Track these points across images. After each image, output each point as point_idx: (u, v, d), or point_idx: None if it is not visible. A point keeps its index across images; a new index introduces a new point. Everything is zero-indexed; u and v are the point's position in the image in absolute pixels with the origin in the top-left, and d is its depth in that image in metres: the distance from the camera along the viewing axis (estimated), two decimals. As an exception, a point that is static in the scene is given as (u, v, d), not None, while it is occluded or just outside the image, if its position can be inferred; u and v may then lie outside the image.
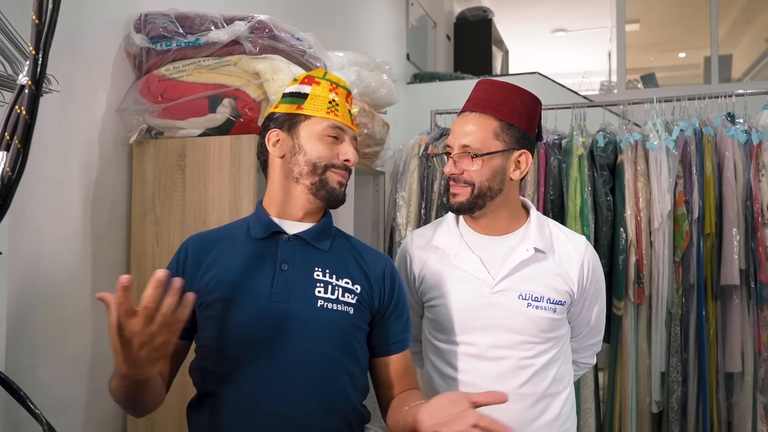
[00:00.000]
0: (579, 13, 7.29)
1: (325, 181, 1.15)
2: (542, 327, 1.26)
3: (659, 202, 2.27)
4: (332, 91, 1.18)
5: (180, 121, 1.78)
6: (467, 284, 1.28)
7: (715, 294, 2.28)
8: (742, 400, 2.25)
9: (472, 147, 1.24)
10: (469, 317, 1.27)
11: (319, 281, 1.11)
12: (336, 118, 1.16)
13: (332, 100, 1.17)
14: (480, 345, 1.27)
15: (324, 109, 1.16)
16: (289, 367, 1.06)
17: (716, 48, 5.08)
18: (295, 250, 1.14)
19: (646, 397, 2.36)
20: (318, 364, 1.08)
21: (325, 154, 1.14)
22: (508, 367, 1.25)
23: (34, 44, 0.65)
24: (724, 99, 2.49)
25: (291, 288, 1.10)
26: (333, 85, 1.19)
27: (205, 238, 1.20)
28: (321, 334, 1.09)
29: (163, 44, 1.77)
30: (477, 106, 1.28)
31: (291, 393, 1.05)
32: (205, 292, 1.10)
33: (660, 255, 2.29)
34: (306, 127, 1.16)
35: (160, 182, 1.80)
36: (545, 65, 5.83)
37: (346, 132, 1.18)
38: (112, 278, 1.79)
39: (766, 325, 2.23)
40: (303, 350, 1.07)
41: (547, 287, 1.26)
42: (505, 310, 1.25)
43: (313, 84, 1.19)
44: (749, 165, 2.24)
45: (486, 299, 1.26)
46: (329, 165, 1.15)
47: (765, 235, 2.20)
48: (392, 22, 4.45)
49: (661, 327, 2.31)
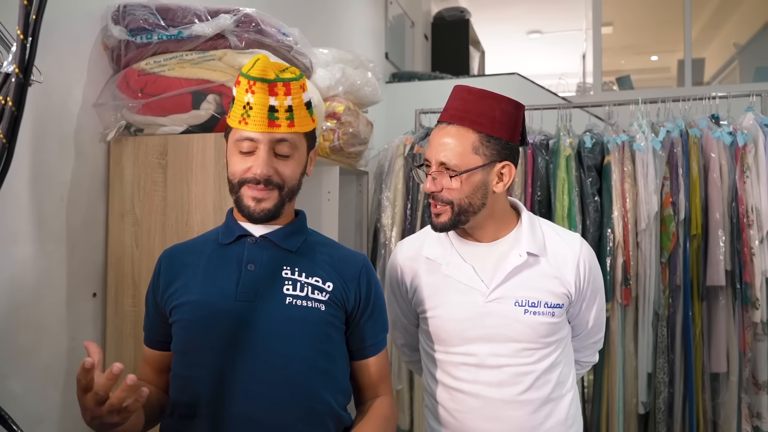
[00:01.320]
0: (553, 15, 7.37)
1: (239, 198, 1.08)
2: (541, 333, 1.22)
3: (646, 204, 2.27)
4: (248, 91, 1.03)
5: (161, 117, 1.70)
6: (461, 294, 1.24)
7: (701, 295, 2.30)
8: (728, 400, 2.27)
9: (450, 164, 1.18)
10: (465, 327, 1.23)
11: (287, 279, 1.08)
12: (245, 127, 1.04)
13: (246, 103, 1.04)
14: (479, 355, 1.23)
15: (237, 117, 1.05)
16: (259, 368, 1.02)
17: (690, 51, 5.17)
18: (262, 250, 1.10)
19: (632, 398, 2.36)
20: (290, 363, 1.03)
21: (235, 170, 1.07)
22: (509, 374, 1.22)
23: (22, 28, 0.58)
24: (707, 101, 2.51)
25: (257, 286, 1.06)
26: (250, 82, 1.03)
27: (178, 249, 1.18)
28: (291, 332, 1.04)
29: (143, 37, 1.69)
30: (454, 117, 1.20)
31: (263, 396, 1.01)
32: (173, 298, 1.09)
33: (647, 256, 2.29)
34: (230, 139, 1.09)
35: (139, 181, 1.73)
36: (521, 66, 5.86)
37: (258, 140, 1.04)
38: (88, 282, 1.71)
39: (751, 326, 2.25)
40: (271, 349, 1.03)
41: (543, 291, 1.23)
42: (502, 318, 1.22)
43: (237, 85, 1.06)
44: (734, 167, 2.26)
45: (482, 309, 1.22)
46: (242, 181, 1.06)
47: (750, 236, 2.22)
48: (371, 21, 4.42)
49: (647, 328, 2.31)
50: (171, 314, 1.09)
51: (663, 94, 2.71)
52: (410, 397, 2.64)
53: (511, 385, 1.22)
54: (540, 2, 6.99)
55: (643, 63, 8.00)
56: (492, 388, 1.22)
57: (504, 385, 1.22)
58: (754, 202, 2.24)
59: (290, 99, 1.04)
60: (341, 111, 2.27)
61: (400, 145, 2.73)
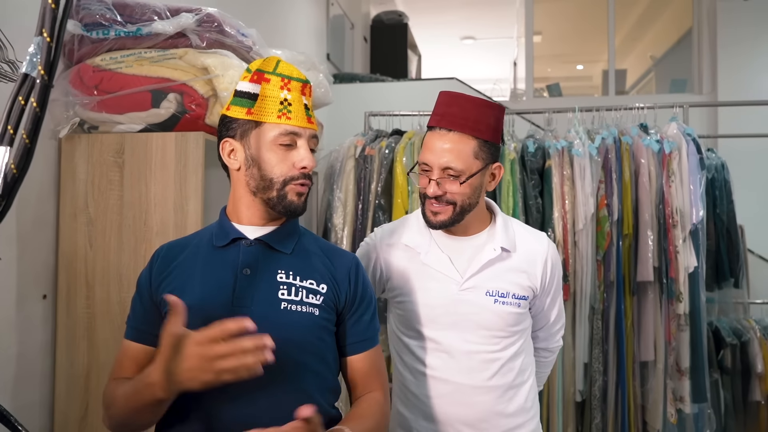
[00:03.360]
0: (486, 22, 7.61)
1: (283, 196, 1.08)
2: (508, 321, 1.31)
3: (583, 205, 2.43)
4: (284, 88, 1.07)
5: (118, 115, 1.67)
6: (436, 282, 1.32)
7: (632, 290, 2.49)
8: (655, 386, 2.47)
9: (456, 169, 1.24)
10: (438, 314, 1.31)
11: (282, 284, 1.09)
12: (288, 122, 1.06)
13: (284, 99, 1.07)
14: (449, 341, 1.30)
15: (275, 113, 1.06)
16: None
17: (613, 63, 5.50)
18: (257, 254, 1.11)
19: (570, 387, 2.52)
20: (285, 368, 1.05)
21: (279, 169, 1.07)
22: (478, 360, 1.30)
23: (48, 31, 0.59)
24: (631, 111, 2.72)
25: (253, 292, 1.07)
26: (284, 80, 1.07)
27: (173, 246, 1.16)
28: (287, 338, 1.05)
29: (99, 32, 1.66)
30: (454, 124, 1.25)
31: (258, 399, 1.03)
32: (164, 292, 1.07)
33: (584, 254, 2.45)
34: (257, 135, 1.08)
35: (93, 180, 1.69)
36: (455, 71, 6.03)
37: (301, 135, 1.08)
38: (38, 283, 1.65)
39: (675, 317, 2.45)
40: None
41: (511, 283, 1.32)
42: (473, 306, 1.30)
43: (263, 82, 1.08)
44: (661, 172, 2.46)
45: (455, 296, 1.30)
46: (288, 180, 1.08)
47: (675, 236, 2.42)
48: (313, 21, 4.42)
49: (584, 321, 2.48)
50: (165, 315, 1.06)
51: (589, 101, 2.91)
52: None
53: (480, 371, 1.30)
54: (473, 9, 7.20)
55: (569, 71, 8.42)
56: (462, 373, 1.29)
57: (473, 371, 1.30)
58: (678, 205, 2.45)
59: (310, 100, 1.11)
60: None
61: (350, 146, 2.77)
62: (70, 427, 1.67)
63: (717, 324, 3.13)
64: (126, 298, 1.65)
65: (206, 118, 1.67)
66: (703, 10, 5.31)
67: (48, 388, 1.68)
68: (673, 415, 2.46)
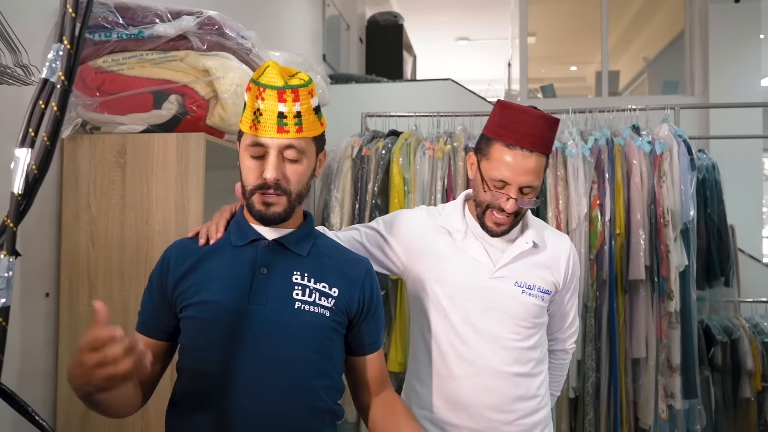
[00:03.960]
0: (480, 23, 7.67)
1: (251, 204, 1.11)
2: (532, 313, 1.38)
3: (576, 205, 2.47)
4: (258, 98, 1.06)
5: (120, 116, 1.70)
6: (470, 267, 1.38)
7: (625, 288, 2.53)
8: (647, 383, 2.51)
9: (534, 188, 1.31)
10: (468, 297, 1.37)
11: (297, 284, 1.12)
12: (255, 132, 1.06)
13: (257, 109, 1.06)
14: (477, 324, 1.37)
15: (248, 123, 1.07)
16: (266, 367, 1.08)
17: (606, 64, 5.55)
18: (274, 254, 1.15)
19: (564, 384, 2.55)
20: (294, 364, 1.09)
21: (249, 178, 1.10)
22: (500, 346, 1.36)
23: (69, 38, 0.62)
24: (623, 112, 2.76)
25: (269, 290, 1.11)
26: (260, 89, 1.05)
27: (186, 245, 1.19)
28: (298, 336, 1.10)
29: (101, 35, 1.68)
30: (535, 145, 1.29)
31: (268, 392, 1.07)
32: (186, 296, 1.11)
33: (577, 253, 2.49)
34: (241, 145, 1.11)
35: (95, 180, 1.71)
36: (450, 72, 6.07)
37: (268, 146, 1.06)
38: (41, 281, 1.68)
39: (667, 315, 2.50)
40: (280, 351, 1.09)
41: (538, 277, 1.39)
42: (502, 294, 1.37)
43: (248, 91, 1.08)
44: (653, 173, 2.51)
45: (486, 283, 1.37)
46: (254, 189, 1.09)
47: (666, 235, 2.47)
48: (309, 22, 4.45)
49: (577, 319, 2.52)
50: (182, 310, 1.11)
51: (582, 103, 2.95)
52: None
53: (502, 357, 1.36)
54: (468, 10, 7.25)
55: (563, 72, 8.48)
56: (485, 357, 1.36)
57: (496, 356, 1.36)
58: (669, 205, 2.50)
59: (299, 105, 1.06)
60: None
61: (348, 146, 2.80)
62: (72, 424, 1.69)
63: (708, 322, 3.18)
64: (128, 296, 1.68)
65: (207, 119, 1.70)
66: (694, 13, 5.37)
67: (51, 385, 1.70)
68: (665, 410, 2.51)
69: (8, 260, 0.62)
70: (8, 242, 0.63)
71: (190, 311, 1.10)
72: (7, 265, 0.62)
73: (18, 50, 1.09)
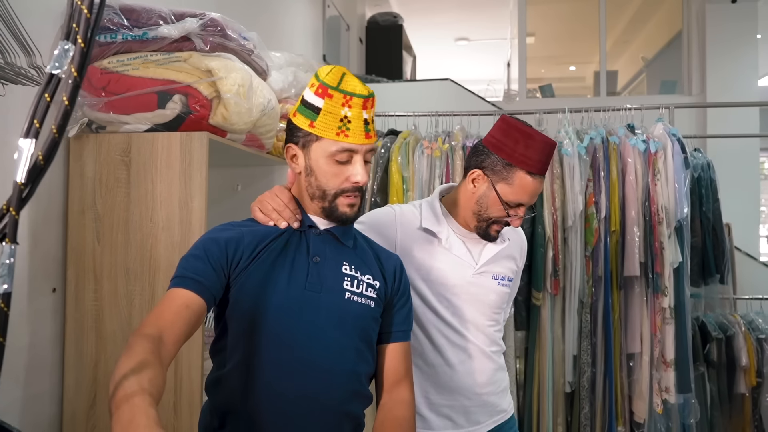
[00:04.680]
0: (480, 24, 7.70)
1: (334, 207, 1.16)
2: (504, 300, 1.55)
3: (572, 203, 2.52)
4: (345, 105, 1.11)
5: (125, 115, 1.73)
6: (455, 265, 1.49)
7: (619, 284, 2.58)
8: (641, 377, 2.55)
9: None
10: (455, 292, 1.48)
11: (346, 275, 1.18)
12: (346, 139, 1.11)
13: (344, 116, 1.11)
14: (464, 315, 1.49)
15: (334, 130, 1.11)
16: (318, 351, 1.13)
17: (605, 64, 5.59)
18: (325, 244, 1.20)
19: (560, 379, 2.60)
20: (344, 351, 1.15)
21: (333, 182, 1.14)
22: (482, 333, 1.50)
23: (83, 37, 0.67)
24: (623, 112, 2.81)
25: (323, 280, 1.16)
26: (346, 96, 1.10)
27: (245, 225, 1.21)
28: (347, 324, 1.16)
29: (107, 36, 1.72)
30: (543, 171, 1.41)
31: (318, 375, 1.12)
32: (245, 274, 1.13)
33: (573, 250, 2.54)
34: (317, 149, 1.14)
35: (101, 178, 1.75)
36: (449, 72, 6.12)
37: (357, 151, 1.13)
38: (48, 277, 1.72)
39: (661, 311, 2.54)
40: (331, 338, 1.14)
41: (506, 268, 1.55)
42: (483, 288, 1.50)
43: (325, 97, 1.11)
44: (647, 171, 2.55)
45: (470, 279, 1.49)
46: (339, 192, 1.15)
47: (660, 232, 2.51)
48: (310, 22, 4.49)
49: (573, 315, 2.57)
50: (240, 285, 1.12)
51: (581, 102, 2.99)
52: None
53: (483, 340, 1.50)
54: (467, 11, 7.28)
55: (562, 72, 8.52)
56: (474, 342, 1.49)
57: (479, 340, 1.49)
58: (663, 202, 2.54)
59: (372, 112, 1.15)
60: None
61: (347, 146, 2.83)
62: (78, 417, 1.73)
63: (704, 319, 3.21)
64: (133, 291, 1.72)
65: (210, 119, 1.73)
66: (692, 13, 5.41)
67: (57, 378, 1.74)
68: (659, 405, 2.55)
69: (10, 247, 0.66)
70: (10, 229, 0.66)
71: (248, 290, 1.12)
72: (9, 252, 0.66)
73: (32, 52, 1.14)
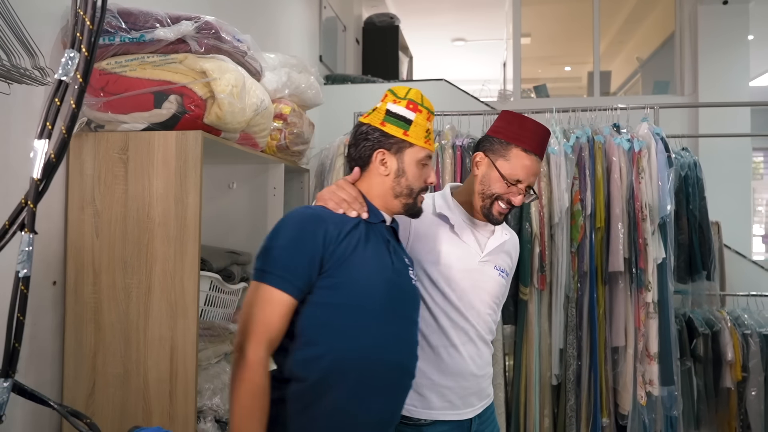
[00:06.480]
0: (476, 24, 7.76)
1: (416, 203, 1.40)
2: (503, 291, 1.68)
3: (559, 200, 2.58)
4: (428, 120, 1.38)
5: (123, 115, 1.80)
6: (463, 251, 1.60)
7: (604, 279, 2.64)
8: (626, 370, 2.62)
9: (532, 186, 1.59)
10: (462, 277, 1.58)
11: (407, 259, 1.44)
12: (431, 147, 1.38)
13: (427, 129, 1.37)
14: (471, 301, 1.59)
15: (422, 139, 1.36)
16: (404, 327, 1.36)
17: (598, 65, 5.65)
18: (390, 234, 1.41)
19: (547, 372, 2.67)
20: (414, 326, 1.41)
21: (418, 183, 1.38)
22: (482, 319, 1.61)
23: (86, 46, 0.74)
24: (611, 111, 2.87)
25: (400, 264, 1.38)
26: (429, 114, 1.39)
27: (333, 216, 1.33)
28: (416, 304, 1.43)
29: (105, 38, 1.78)
30: (541, 152, 1.58)
31: (405, 347, 1.36)
32: (344, 256, 1.27)
33: (559, 246, 2.61)
34: (410, 153, 1.36)
35: (100, 175, 1.81)
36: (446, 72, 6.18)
37: (431, 157, 1.41)
38: (49, 270, 1.78)
39: (645, 305, 2.61)
40: (409, 314, 1.39)
41: (504, 262, 1.67)
42: (486, 276, 1.61)
43: (416, 112, 1.36)
44: (632, 169, 2.62)
45: (475, 266, 1.60)
46: (420, 191, 1.39)
47: (644, 228, 2.58)
48: (306, 23, 4.54)
49: (560, 309, 2.63)
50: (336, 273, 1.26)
51: (575, 103, 3.05)
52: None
53: (483, 327, 1.62)
54: (464, 12, 7.34)
55: (558, 72, 8.58)
56: (475, 327, 1.59)
57: (479, 326, 1.60)
58: (647, 200, 2.61)
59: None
60: (288, 112, 2.42)
61: (340, 145, 2.91)
62: (78, 404, 1.79)
63: (690, 315, 3.28)
64: (130, 284, 1.78)
65: (204, 118, 1.80)
66: (684, 14, 5.47)
67: (58, 367, 1.80)
68: (643, 397, 2.61)
69: (29, 236, 0.74)
70: (29, 220, 0.74)
71: (344, 273, 1.26)
72: (28, 240, 0.73)
73: (35, 54, 1.20)
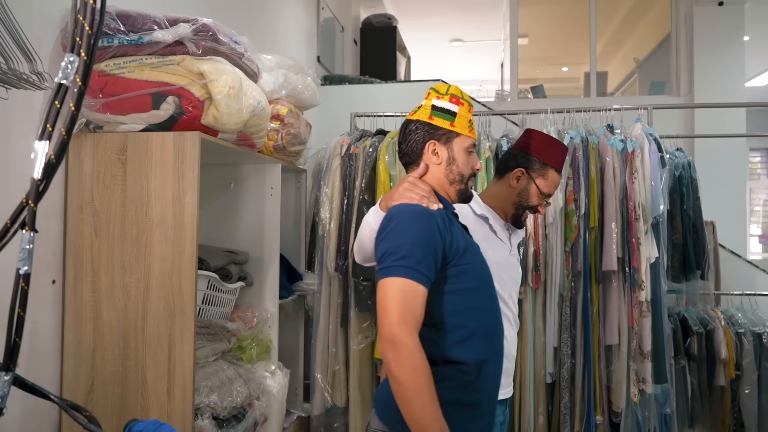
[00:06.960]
0: (474, 25, 7.77)
1: (467, 188, 1.50)
2: (520, 279, 1.89)
3: (553, 200, 2.61)
4: (470, 111, 1.49)
5: (121, 116, 1.82)
6: (499, 246, 1.79)
7: (598, 279, 2.67)
8: (619, 368, 2.65)
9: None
10: (503, 269, 1.75)
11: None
12: (474, 136, 1.49)
13: (470, 120, 1.49)
14: (508, 288, 1.78)
15: (467, 128, 1.47)
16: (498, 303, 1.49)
17: (595, 65, 5.68)
18: (458, 221, 1.49)
19: (541, 370, 2.70)
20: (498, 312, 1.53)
21: (466, 169, 1.48)
22: (515, 305, 1.81)
23: (86, 51, 0.76)
24: (605, 112, 2.90)
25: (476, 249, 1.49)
26: (470, 106, 1.50)
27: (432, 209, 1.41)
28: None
29: (104, 40, 1.80)
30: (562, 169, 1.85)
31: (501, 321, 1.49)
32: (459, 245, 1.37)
33: (553, 246, 2.63)
34: (458, 142, 1.46)
35: (98, 175, 1.83)
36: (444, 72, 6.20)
37: (476, 145, 1.52)
38: (49, 269, 1.80)
39: (638, 304, 2.64)
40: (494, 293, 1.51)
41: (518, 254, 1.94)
42: (513, 267, 1.83)
43: (459, 105, 1.47)
44: (625, 169, 2.64)
45: (507, 258, 1.81)
46: (468, 176, 1.49)
47: (637, 228, 2.60)
48: (304, 24, 4.56)
49: (554, 308, 2.66)
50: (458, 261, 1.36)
51: (571, 103, 3.08)
52: (346, 377, 2.86)
53: (515, 312, 1.81)
54: (462, 12, 7.36)
55: (555, 73, 8.60)
56: (513, 314, 1.79)
57: (513, 311, 1.80)
58: (640, 199, 2.63)
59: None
60: (285, 113, 2.44)
61: (337, 145, 2.93)
62: (77, 401, 1.81)
63: (685, 314, 3.30)
64: (128, 283, 1.80)
65: (202, 119, 1.82)
66: (680, 15, 5.50)
67: (57, 365, 1.82)
68: (636, 395, 2.64)
69: (29, 235, 0.76)
70: (29, 219, 0.76)
71: (466, 259, 1.38)
72: (29, 238, 0.76)
73: (34, 59, 1.23)
